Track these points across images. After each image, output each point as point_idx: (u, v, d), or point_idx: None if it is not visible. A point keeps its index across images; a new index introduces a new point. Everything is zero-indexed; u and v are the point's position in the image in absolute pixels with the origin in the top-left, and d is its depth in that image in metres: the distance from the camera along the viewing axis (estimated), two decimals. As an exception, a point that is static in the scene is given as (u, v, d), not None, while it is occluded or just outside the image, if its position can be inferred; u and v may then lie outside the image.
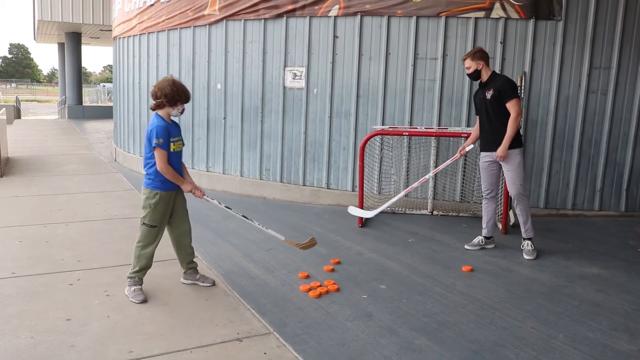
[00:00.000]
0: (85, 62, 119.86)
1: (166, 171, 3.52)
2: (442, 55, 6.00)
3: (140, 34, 8.71)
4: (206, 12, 7.26)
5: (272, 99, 6.82)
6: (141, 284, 3.64)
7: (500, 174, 4.82)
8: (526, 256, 4.63)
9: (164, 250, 3.70)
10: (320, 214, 6.16)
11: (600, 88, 5.94)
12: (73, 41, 21.17)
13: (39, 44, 39.60)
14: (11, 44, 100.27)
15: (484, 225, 4.88)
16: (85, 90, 34.55)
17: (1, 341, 2.96)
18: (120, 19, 9.69)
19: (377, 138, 6.23)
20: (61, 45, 24.14)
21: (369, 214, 5.20)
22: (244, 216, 4.02)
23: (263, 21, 6.74)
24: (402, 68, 6.14)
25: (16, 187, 7.36)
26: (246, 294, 3.73)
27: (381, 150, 6.32)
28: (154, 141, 3.46)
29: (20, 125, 18.55)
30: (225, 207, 3.93)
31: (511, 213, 5.52)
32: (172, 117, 3.64)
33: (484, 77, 4.64)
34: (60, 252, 4.53)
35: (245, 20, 6.90)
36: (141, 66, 8.82)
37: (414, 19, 6.00)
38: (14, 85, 66.51)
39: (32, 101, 47.96)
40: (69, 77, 22.00)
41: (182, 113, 3.64)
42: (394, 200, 5.12)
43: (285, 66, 6.66)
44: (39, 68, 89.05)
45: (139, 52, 8.87)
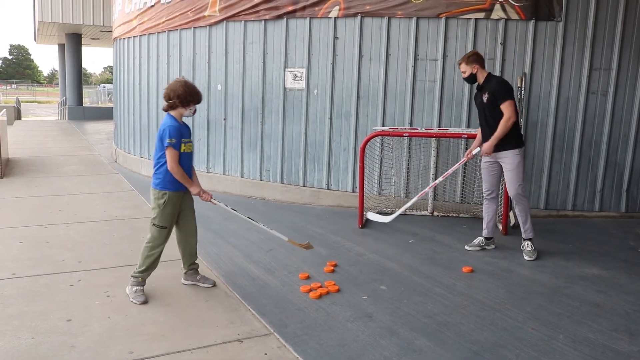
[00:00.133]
0: (85, 63, 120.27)
1: (176, 171, 3.54)
2: (442, 56, 6.00)
3: (141, 35, 8.71)
4: (206, 13, 7.26)
5: (273, 100, 6.83)
6: (143, 285, 3.65)
7: (501, 175, 4.82)
8: (526, 257, 4.64)
9: (165, 251, 3.71)
10: (321, 215, 6.16)
11: (601, 89, 5.94)
12: (73, 42, 21.19)
13: (39, 45, 39.69)
14: (11, 45, 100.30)
15: (484, 226, 4.88)
16: (86, 91, 34.59)
17: (2, 342, 2.96)
18: (121, 20, 9.70)
19: (378, 139, 6.24)
20: (61, 47, 24.15)
21: (387, 219, 5.25)
22: (249, 218, 4.03)
23: (263, 22, 6.75)
24: (403, 69, 6.14)
25: (16, 188, 7.36)
26: (247, 294, 3.74)
27: (381, 151, 6.32)
28: (167, 140, 3.49)
29: (21, 126, 18.56)
30: (232, 209, 3.95)
31: (511, 214, 5.53)
32: (183, 118, 3.68)
33: (480, 80, 4.65)
34: (61, 253, 4.54)
35: (245, 21, 6.90)
36: (141, 67, 8.82)
37: (414, 20, 6.01)
38: (14, 86, 66.53)
39: (33, 102, 47.99)
40: (69, 78, 22.03)
41: (194, 114, 3.71)
42: (409, 204, 5.12)
43: (285, 67, 6.67)
44: (39, 69, 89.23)
45: (139, 53, 8.88)
